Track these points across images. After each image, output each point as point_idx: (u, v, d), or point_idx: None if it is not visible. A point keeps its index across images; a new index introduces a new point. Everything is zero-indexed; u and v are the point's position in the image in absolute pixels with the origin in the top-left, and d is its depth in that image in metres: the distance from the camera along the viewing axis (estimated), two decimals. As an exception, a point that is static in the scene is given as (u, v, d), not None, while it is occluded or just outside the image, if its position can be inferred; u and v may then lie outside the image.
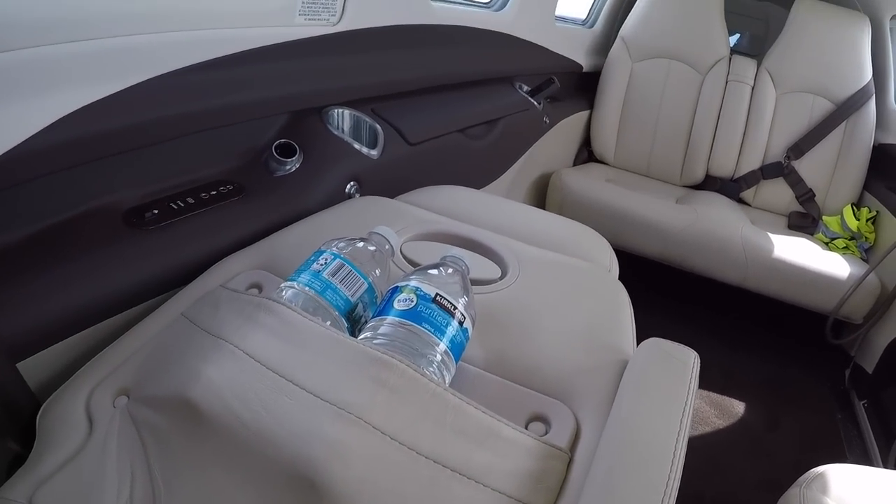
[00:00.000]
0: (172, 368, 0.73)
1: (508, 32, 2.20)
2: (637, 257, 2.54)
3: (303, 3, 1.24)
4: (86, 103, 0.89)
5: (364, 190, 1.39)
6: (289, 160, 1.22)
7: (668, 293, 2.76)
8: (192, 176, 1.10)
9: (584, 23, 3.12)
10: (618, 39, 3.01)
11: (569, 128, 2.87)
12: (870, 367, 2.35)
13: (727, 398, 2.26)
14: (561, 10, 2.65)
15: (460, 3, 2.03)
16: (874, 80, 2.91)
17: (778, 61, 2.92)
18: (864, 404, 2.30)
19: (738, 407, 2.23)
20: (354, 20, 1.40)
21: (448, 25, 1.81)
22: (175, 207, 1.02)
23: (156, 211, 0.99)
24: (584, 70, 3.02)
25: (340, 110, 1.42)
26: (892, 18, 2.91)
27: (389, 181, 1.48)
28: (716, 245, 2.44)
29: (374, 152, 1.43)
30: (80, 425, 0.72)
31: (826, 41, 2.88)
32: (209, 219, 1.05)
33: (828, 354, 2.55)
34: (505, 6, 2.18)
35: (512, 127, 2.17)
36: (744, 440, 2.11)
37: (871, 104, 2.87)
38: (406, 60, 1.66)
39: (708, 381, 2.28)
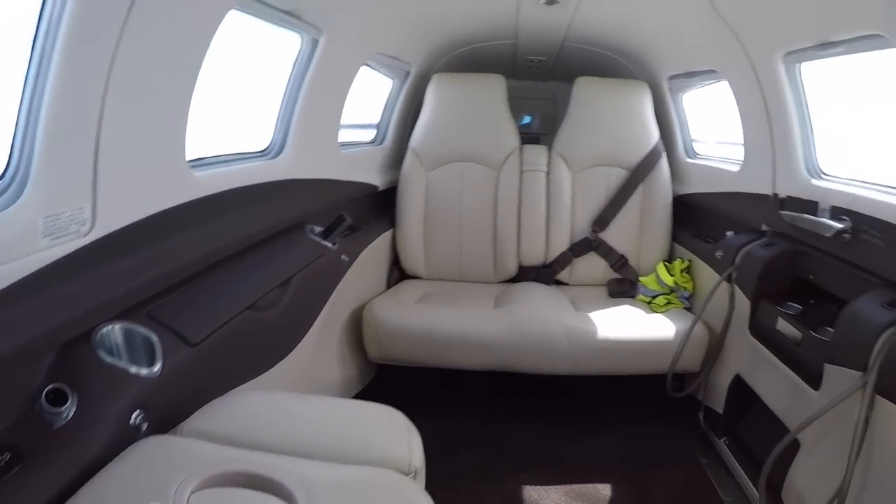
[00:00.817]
0: None
1: (291, 177, 2.15)
2: None
3: (44, 221, 1.12)
4: None
5: (151, 415, 1.28)
6: (62, 408, 1.10)
7: (511, 390, 2.75)
8: None
9: (372, 141, 3.15)
10: (408, 152, 3.04)
11: (375, 253, 2.84)
12: (720, 407, 2.40)
13: (590, 485, 2.22)
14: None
15: (229, 161, 1.92)
16: (662, 138, 3.07)
17: (567, 143, 3.03)
18: (724, 442, 2.35)
19: (604, 490, 2.19)
20: (110, 222, 1.28)
21: (219, 193, 1.72)
22: None
23: None
24: (381, 189, 3.02)
25: (111, 328, 1.28)
26: (668, 79, 3.08)
27: (176, 397, 1.37)
28: (539, 342, 2.44)
29: (154, 369, 1.31)
30: None
31: (610, 113, 3.02)
32: None
33: (679, 405, 2.58)
34: (282, 152, 2.13)
35: (308, 279, 2.09)
36: None
37: (663, 162, 3.02)
38: (176, 247, 1.51)
39: (567, 473, 2.26)
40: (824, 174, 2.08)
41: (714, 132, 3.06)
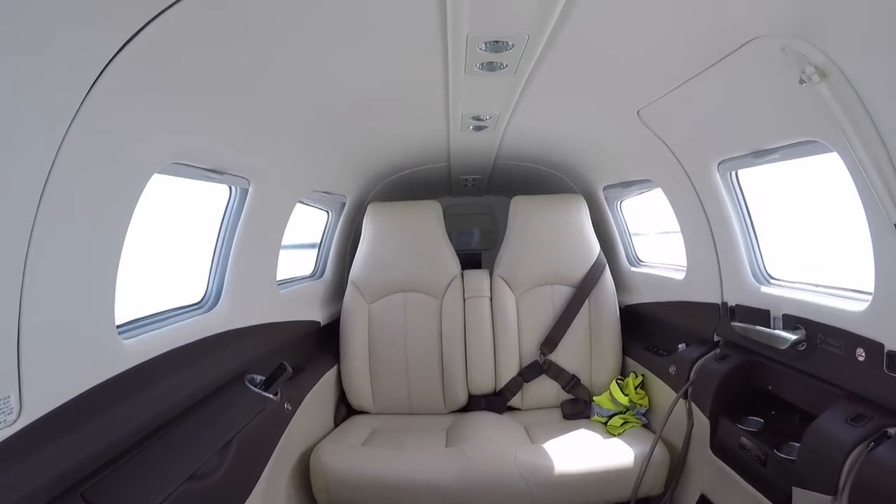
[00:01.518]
0: None
1: (228, 328, 2.03)
2: None
3: None
4: None
5: None
6: None
7: None
8: None
9: (312, 275, 3.08)
10: (349, 285, 2.98)
11: (320, 391, 2.71)
12: None
13: None
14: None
15: (162, 320, 1.78)
16: (603, 249, 3.07)
17: (508, 265, 3.00)
18: None
19: None
20: (38, 408, 1.20)
21: (152, 358, 1.60)
22: None
23: None
24: (323, 324, 2.93)
25: None
26: (604, 189, 3.13)
27: None
28: (493, 483, 2.30)
29: None
30: None
31: (549, 231, 3.00)
32: None
33: None
34: (217, 303, 2.02)
35: (251, 435, 1.93)
36: None
37: (607, 274, 3.00)
38: (109, 422, 1.41)
39: None
40: (773, 279, 2.08)
41: (654, 223, 3.07)
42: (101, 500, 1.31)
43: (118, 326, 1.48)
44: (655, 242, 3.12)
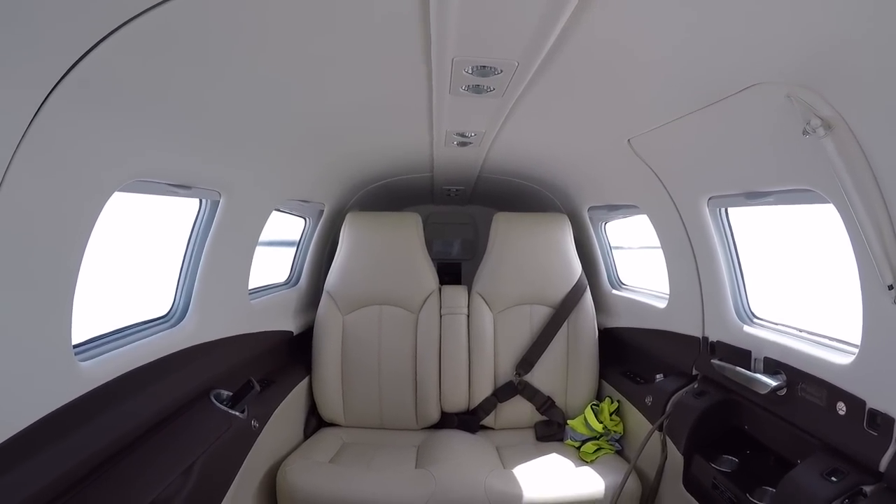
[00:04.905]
0: None
1: (195, 343, 1.95)
2: None
3: None
4: None
5: None
6: None
7: None
8: None
9: (286, 283, 3.00)
10: (324, 295, 2.90)
11: (290, 403, 2.63)
12: None
13: None
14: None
15: (125, 336, 1.69)
16: (585, 269, 3.01)
17: (488, 283, 2.94)
18: None
19: None
20: None
21: (112, 381, 1.51)
22: None
23: None
24: (295, 333, 2.85)
25: None
26: (589, 210, 3.08)
27: None
28: None
29: None
30: None
31: (530, 250, 2.95)
32: None
33: None
34: (184, 318, 1.94)
35: (215, 456, 1.84)
36: None
37: (588, 296, 2.95)
38: (60, 453, 1.32)
39: None
40: (756, 318, 2.04)
41: (637, 238, 3.03)
42: None
43: (75, 346, 1.39)
44: (638, 258, 3.08)
